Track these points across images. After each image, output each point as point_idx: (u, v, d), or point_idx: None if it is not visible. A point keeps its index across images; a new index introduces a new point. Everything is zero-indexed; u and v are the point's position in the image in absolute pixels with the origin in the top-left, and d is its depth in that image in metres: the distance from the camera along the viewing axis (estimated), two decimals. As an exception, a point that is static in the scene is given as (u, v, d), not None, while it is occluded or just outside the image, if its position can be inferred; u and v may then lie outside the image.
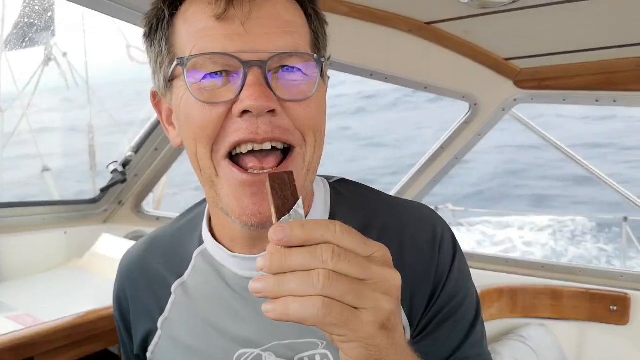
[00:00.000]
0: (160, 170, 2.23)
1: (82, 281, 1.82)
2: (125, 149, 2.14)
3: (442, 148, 2.11)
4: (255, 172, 0.73)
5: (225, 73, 0.72)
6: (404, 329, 0.85)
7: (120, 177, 2.15)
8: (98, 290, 1.72)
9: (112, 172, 2.16)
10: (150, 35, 0.79)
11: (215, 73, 0.72)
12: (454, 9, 1.40)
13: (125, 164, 2.16)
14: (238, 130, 0.72)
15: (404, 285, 0.84)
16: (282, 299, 0.56)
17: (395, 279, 0.59)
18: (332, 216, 0.90)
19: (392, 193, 2.24)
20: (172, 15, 0.76)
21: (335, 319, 0.54)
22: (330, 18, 0.84)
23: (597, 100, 1.84)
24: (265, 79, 0.70)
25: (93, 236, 2.02)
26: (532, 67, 1.82)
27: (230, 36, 0.70)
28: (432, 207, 0.99)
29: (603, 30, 1.52)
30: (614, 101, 1.83)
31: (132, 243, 1.95)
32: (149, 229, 2.26)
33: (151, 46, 0.80)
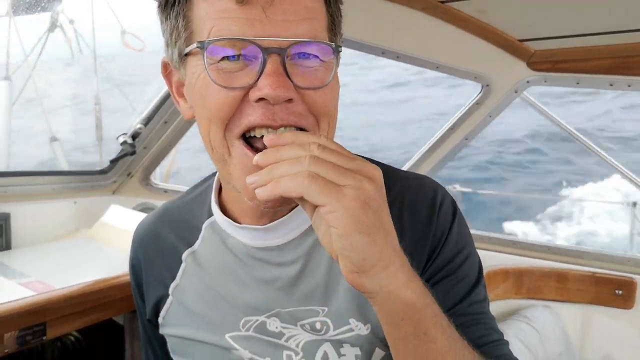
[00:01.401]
0: (169, 144, 2.24)
1: (91, 250, 1.84)
2: (134, 122, 2.15)
3: (453, 129, 2.10)
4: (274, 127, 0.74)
5: (244, 57, 0.72)
6: None
7: (130, 149, 2.16)
8: (106, 260, 1.74)
9: (121, 144, 2.17)
10: (166, 8, 0.79)
11: (234, 56, 0.72)
12: (470, -13, 1.39)
13: (134, 136, 2.17)
14: (254, 114, 0.73)
15: (405, 244, 0.86)
16: (273, 180, 0.63)
17: (377, 170, 0.64)
18: None
19: (407, 166, 2.25)
20: None
21: (319, 188, 0.60)
22: (344, -5, 0.83)
23: (611, 85, 1.82)
24: (284, 66, 0.71)
25: (102, 207, 2.04)
26: (546, 49, 1.80)
27: (251, 21, 0.71)
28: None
29: (619, 14, 1.49)
30: (629, 85, 1.81)
31: (140, 214, 1.99)
32: (156, 202, 2.28)
33: (166, 19, 0.80)
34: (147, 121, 2.13)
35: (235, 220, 0.90)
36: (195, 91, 0.77)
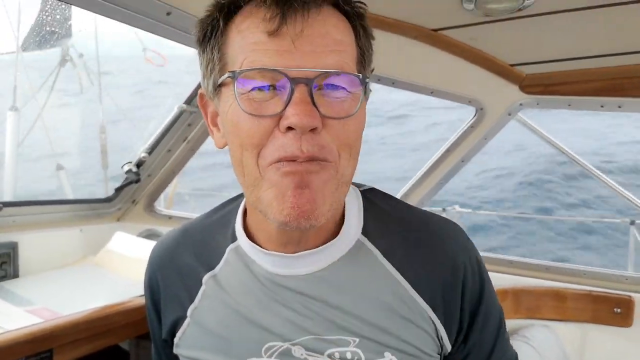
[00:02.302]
0: (173, 171, 2.29)
1: (97, 277, 1.88)
2: (139, 150, 2.20)
3: (449, 151, 2.14)
4: (300, 160, 0.76)
5: (273, 87, 0.75)
6: (441, 338, 0.91)
7: (134, 177, 2.21)
8: (112, 286, 1.77)
9: (126, 173, 2.22)
10: (204, 41, 0.83)
11: (263, 86, 0.75)
12: (460, 16, 1.44)
13: (139, 165, 2.22)
14: (284, 148, 0.75)
15: (437, 291, 0.89)
16: None
17: None
18: (365, 226, 0.93)
19: (398, 195, 2.28)
20: (226, 25, 0.80)
21: None
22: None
23: (602, 106, 1.86)
24: (311, 96, 0.74)
25: (107, 234, 2.08)
26: (538, 72, 1.85)
27: (281, 52, 0.74)
28: (439, 209, 1.04)
29: (609, 38, 1.54)
30: (619, 107, 1.85)
31: (144, 241, 2.03)
32: (161, 228, 2.32)
33: (203, 52, 0.84)
34: (151, 150, 2.18)
35: (260, 247, 0.91)
36: (227, 120, 0.80)
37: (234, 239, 0.97)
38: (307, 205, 0.75)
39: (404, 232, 0.93)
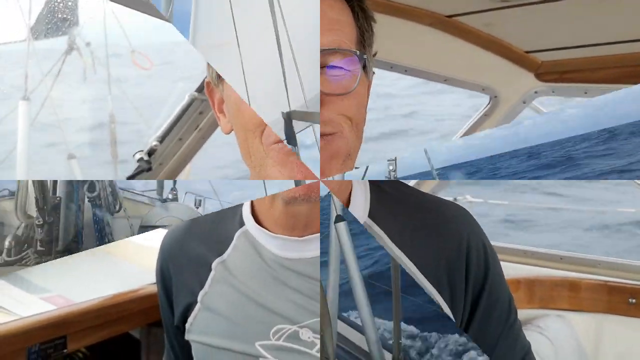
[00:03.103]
0: (184, 160, 2.28)
1: (110, 265, 1.88)
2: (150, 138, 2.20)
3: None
4: None
5: None
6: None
7: (146, 166, 2.21)
8: (125, 274, 1.78)
9: (138, 161, 2.22)
10: None
11: None
12: (474, 2, 1.42)
13: (150, 153, 2.21)
14: None
15: (443, 274, 0.89)
16: None
17: None
18: (372, 209, 0.94)
19: (411, 184, 2.26)
20: None
21: None
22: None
23: (619, 93, 1.83)
24: None
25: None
26: (553, 59, 1.82)
27: None
28: (451, 198, 1.03)
29: (625, 23, 1.51)
30: (637, 94, 1.82)
31: (156, 229, 2.03)
32: (172, 216, 2.32)
33: None
34: (163, 138, 2.17)
35: (267, 231, 0.93)
36: (231, 103, 0.82)
37: (241, 224, 0.98)
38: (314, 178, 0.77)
39: (412, 215, 0.93)
